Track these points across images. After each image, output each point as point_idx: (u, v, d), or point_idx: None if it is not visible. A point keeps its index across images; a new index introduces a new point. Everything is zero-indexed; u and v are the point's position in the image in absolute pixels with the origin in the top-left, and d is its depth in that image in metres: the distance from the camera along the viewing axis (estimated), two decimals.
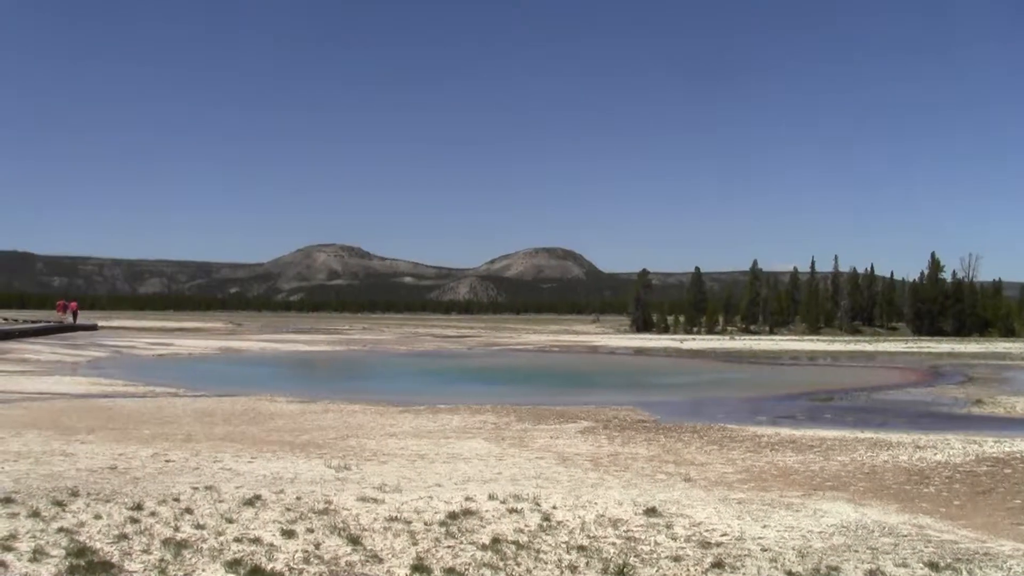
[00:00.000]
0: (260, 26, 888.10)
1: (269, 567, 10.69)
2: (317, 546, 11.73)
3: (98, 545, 11.45)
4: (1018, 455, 22.13)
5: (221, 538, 12.00)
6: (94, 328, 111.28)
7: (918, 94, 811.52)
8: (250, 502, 14.41)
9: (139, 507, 13.73)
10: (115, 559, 10.84)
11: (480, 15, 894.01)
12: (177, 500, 14.45)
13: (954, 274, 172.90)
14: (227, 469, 18.51)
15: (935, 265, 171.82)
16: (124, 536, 11.93)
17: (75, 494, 14.70)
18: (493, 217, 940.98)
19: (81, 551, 11.08)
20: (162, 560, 10.82)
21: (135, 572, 10.40)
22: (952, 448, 23.43)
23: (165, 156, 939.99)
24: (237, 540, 11.92)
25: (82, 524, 12.55)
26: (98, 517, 12.99)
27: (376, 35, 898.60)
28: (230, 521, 13.00)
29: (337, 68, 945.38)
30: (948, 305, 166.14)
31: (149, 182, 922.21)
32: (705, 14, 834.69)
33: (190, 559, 10.94)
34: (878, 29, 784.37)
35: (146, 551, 11.23)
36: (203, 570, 10.53)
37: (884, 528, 13.88)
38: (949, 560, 11.74)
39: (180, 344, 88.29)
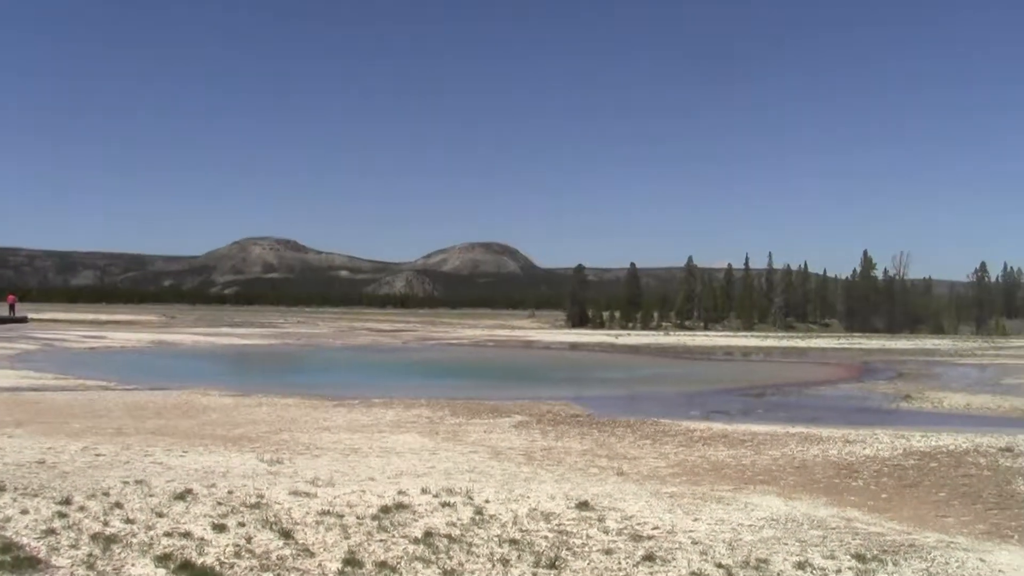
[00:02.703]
0: (197, 12, 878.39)
1: (200, 561, 10.61)
2: (249, 540, 11.67)
3: (25, 540, 11.31)
4: (944, 449, 22.47)
5: (151, 532, 11.90)
6: (24, 320, 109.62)
7: (850, 91, 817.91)
8: (181, 496, 14.30)
9: (67, 501, 13.59)
10: (42, 554, 10.72)
11: (414, 5, 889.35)
12: (107, 494, 14.31)
13: (885, 272, 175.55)
14: (158, 463, 18.36)
15: (867, 263, 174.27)
16: (52, 531, 11.79)
17: (1, 489, 14.50)
18: (429, 211, 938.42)
19: (7, 546, 10.93)
20: (90, 555, 10.72)
21: (63, 567, 10.28)
22: (881, 443, 23.73)
23: (97, 145, 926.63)
24: (167, 534, 11.83)
25: (8, 519, 12.39)
26: (25, 512, 12.84)
27: (311, 21, 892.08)
28: (160, 515, 12.90)
29: (273, 58, 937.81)
30: (880, 302, 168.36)
31: (81, 172, 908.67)
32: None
33: (119, 554, 10.84)
34: (814, 20, 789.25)
35: (74, 546, 11.12)
36: (132, 565, 10.44)
37: (813, 521, 14.04)
38: (876, 552, 11.90)
39: (112, 337, 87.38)
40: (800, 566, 11.15)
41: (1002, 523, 14.41)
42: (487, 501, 14.78)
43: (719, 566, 11.05)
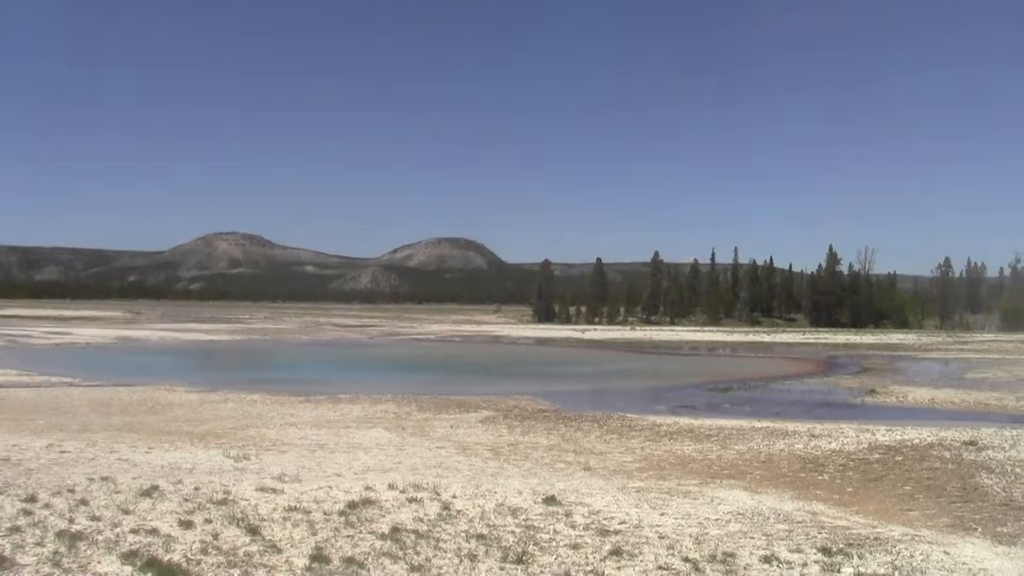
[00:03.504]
0: (160, 3, 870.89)
1: (166, 558, 10.57)
2: (215, 537, 11.63)
3: None
4: (909, 443, 22.60)
5: (117, 529, 11.84)
6: None
7: (813, 87, 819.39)
8: (147, 493, 14.24)
9: (33, 499, 13.50)
10: (7, 552, 10.64)
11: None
12: (72, 491, 14.23)
13: (851, 267, 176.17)
14: (124, 459, 18.28)
15: (832, 258, 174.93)
16: (17, 529, 11.71)
17: None
18: (396, 206, 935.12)
19: None
20: (56, 553, 10.65)
21: (28, 565, 10.20)
22: (846, 437, 23.87)
23: (61, 140, 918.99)
24: (134, 531, 11.77)
25: None
26: None
27: (280, 14, 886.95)
28: (127, 512, 12.83)
29: (240, 52, 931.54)
30: (845, 297, 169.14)
31: (45, 166, 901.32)
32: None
33: (85, 551, 10.78)
34: (780, 16, 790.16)
35: (39, 544, 11.04)
36: (98, 562, 10.38)
37: (779, 515, 14.10)
38: (842, 545, 11.97)
39: (77, 333, 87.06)
40: (767, 560, 11.20)
41: (966, 516, 14.52)
42: (454, 496, 14.77)
43: (686, 560, 11.09)
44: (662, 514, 13.83)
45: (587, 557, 11.16)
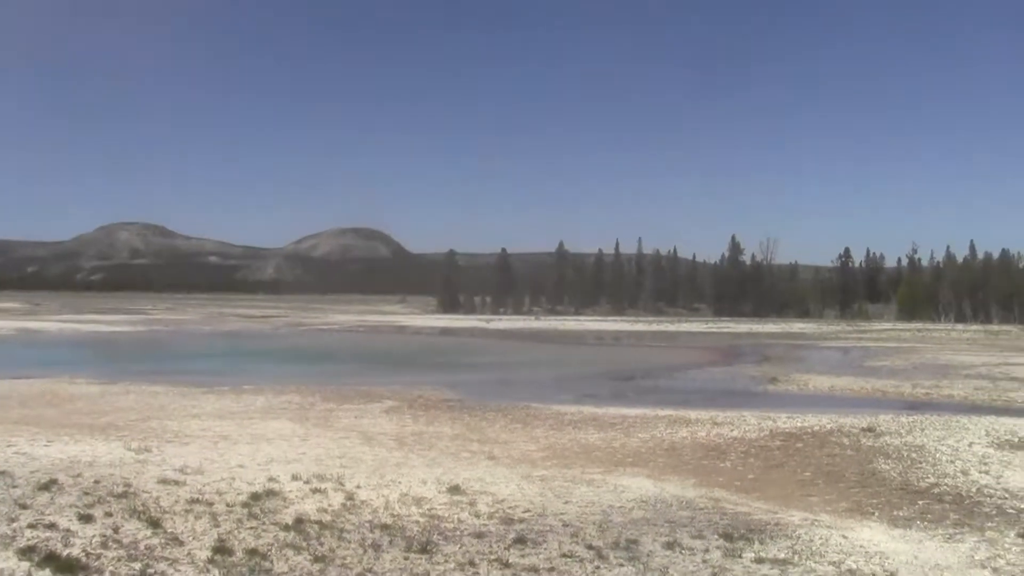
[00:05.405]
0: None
1: (65, 553, 10.40)
2: (116, 530, 11.48)
3: None
4: (809, 430, 22.96)
5: (14, 524, 11.63)
6: None
7: (717, 80, 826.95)
8: (46, 487, 14.00)
9: None
10: None
11: None
12: None
13: (753, 257, 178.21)
14: (22, 453, 17.94)
15: (735, 248, 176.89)
16: None
17: None
18: (299, 194, 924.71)
19: None
20: None
21: None
22: (748, 424, 24.18)
23: None
24: (31, 526, 11.57)
25: None
26: None
27: (175, 6, 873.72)
28: (24, 507, 12.61)
29: (139, 39, 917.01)
30: (748, 287, 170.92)
31: None
32: None
33: None
34: (684, 13, 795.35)
35: None
36: None
37: (682, 502, 14.27)
38: (743, 531, 12.15)
39: None
40: (669, 546, 11.33)
41: (864, 501, 14.82)
42: (358, 487, 14.74)
43: (590, 547, 11.18)
44: (566, 502, 13.93)
45: (491, 546, 11.21)
